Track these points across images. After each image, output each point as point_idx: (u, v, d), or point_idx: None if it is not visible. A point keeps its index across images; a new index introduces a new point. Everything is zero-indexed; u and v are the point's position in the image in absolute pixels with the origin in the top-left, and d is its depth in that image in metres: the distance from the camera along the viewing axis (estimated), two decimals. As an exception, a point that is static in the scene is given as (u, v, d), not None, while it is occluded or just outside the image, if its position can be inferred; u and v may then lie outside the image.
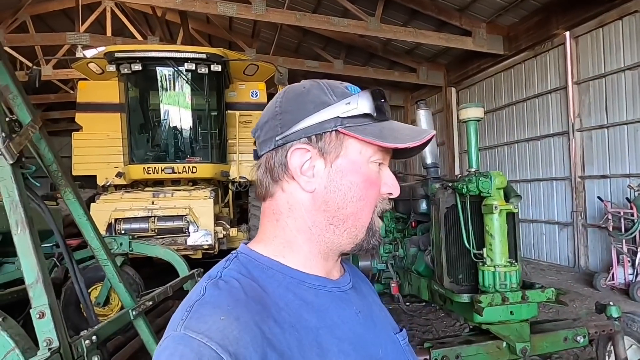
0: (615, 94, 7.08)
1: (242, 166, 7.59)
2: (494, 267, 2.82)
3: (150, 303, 2.85)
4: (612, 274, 6.43)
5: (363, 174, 0.71)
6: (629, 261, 6.17)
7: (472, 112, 3.29)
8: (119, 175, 7.05)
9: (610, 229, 6.45)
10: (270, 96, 8.43)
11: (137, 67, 6.47)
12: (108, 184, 7.00)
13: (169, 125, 7.06)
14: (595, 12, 7.02)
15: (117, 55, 6.49)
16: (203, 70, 6.69)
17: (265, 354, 0.58)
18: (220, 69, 6.86)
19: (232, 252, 0.75)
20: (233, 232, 6.97)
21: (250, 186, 7.62)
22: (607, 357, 3.18)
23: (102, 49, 8.88)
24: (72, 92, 13.98)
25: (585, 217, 7.74)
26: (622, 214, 6.28)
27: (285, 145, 0.71)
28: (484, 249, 2.89)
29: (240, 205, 8.69)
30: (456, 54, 10.54)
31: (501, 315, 2.76)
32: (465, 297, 2.84)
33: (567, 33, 7.82)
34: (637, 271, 6.06)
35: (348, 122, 0.69)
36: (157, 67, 6.80)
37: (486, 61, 9.70)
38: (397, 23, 9.28)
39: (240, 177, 7.51)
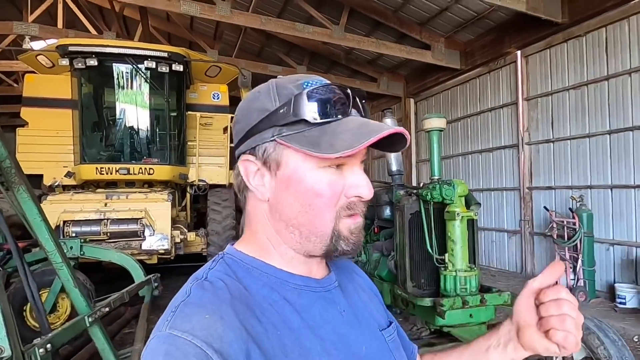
0: (560, 111, 7.58)
1: (201, 169, 7.42)
2: (455, 271, 2.93)
3: (107, 309, 2.71)
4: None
5: (308, 184, 0.67)
6: (570, 267, 6.59)
7: (436, 123, 3.41)
8: (68, 175, 6.67)
9: (555, 237, 6.86)
10: (232, 99, 8.35)
11: (93, 62, 6.18)
12: (56, 184, 6.60)
13: (125, 124, 6.78)
14: (543, 34, 7.50)
15: (72, 48, 6.17)
16: (164, 69, 6.50)
17: (250, 351, 0.59)
18: (181, 69, 6.70)
19: (219, 253, 0.75)
20: (190, 236, 6.78)
21: (209, 190, 7.46)
22: (554, 357, 3.37)
23: (51, 41, 8.41)
24: (16, 85, 13.12)
25: (532, 226, 8.20)
26: (565, 223, 6.70)
27: (240, 157, 0.72)
28: (446, 255, 2.99)
29: (198, 209, 8.48)
30: (415, 66, 10.89)
31: (461, 318, 2.87)
32: (428, 301, 2.92)
33: (519, 52, 8.31)
34: (577, 277, 6.48)
35: (286, 130, 0.66)
36: (114, 64, 6.53)
37: (444, 74, 10.09)
38: (360, 33, 9.47)
39: (200, 180, 7.34)
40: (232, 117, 7.67)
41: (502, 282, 7.94)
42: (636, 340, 5.10)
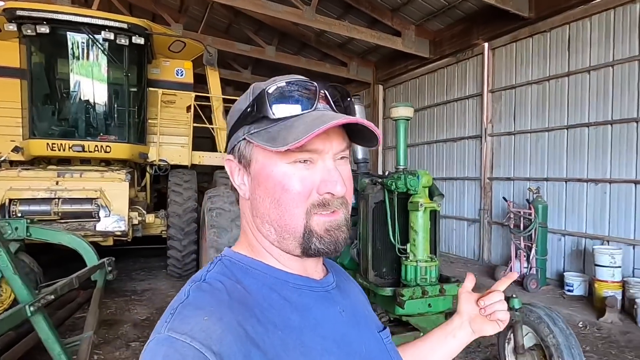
0: (522, 105, 7.79)
1: (162, 148, 7.13)
2: (416, 262, 2.94)
3: (52, 297, 2.54)
4: (510, 267, 7.12)
5: (275, 179, 0.68)
6: (524, 256, 6.87)
7: (403, 111, 3.38)
8: (16, 150, 6.24)
9: (512, 226, 7.11)
10: (197, 76, 8.03)
11: (44, 29, 5.73)
12: (2, 159, 6.16)
13: (80, 98, 6.37)
14: (510, 27, 7.63)
15: (20, 13, 5.69)
16: (123, 41, 6.14)
17: (249, 353, 0.59)
18: (142, 42, 6.35)
19: (216, 255, 0.75)
20: (149, 218, 6.54)
21: (170, 170, 7.20)
22: (506, 344, 3.49)
23: (-1, 4, 7.75)
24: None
25: (491, 215, 8.47)
26: (522, 213, 6.95)
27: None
28: (408, 244, 3.00)
29: (159, 190, 8.19)
30: (385, 53, 10.86)
31: (420, 308, 2.90)
32: (388, 291, 2.93)
33: (486, 44, 8.43)
34: (530, 265, 6.77)
35: (254, 128, 0.69)
36: (68, 33, 6.08)
37: (413, 62, 10.13)
38: (331, 15, 9.30)
39: (160, 160, 7.06)
40: (195, 95, 7.41)
41: (459, 269, 8.19)
42: (581, 325, 5.40)
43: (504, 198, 7.63)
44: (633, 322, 5.28)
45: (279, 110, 0.66)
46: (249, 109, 0.69)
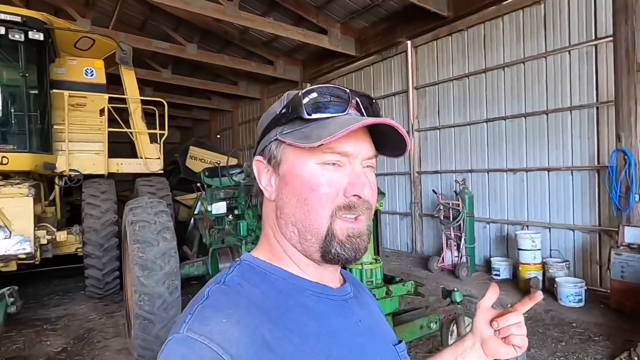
0: (445, 100, 8.12)
1: (73, 156, 6.39)
2: (361, 264, 2.83)
3: None
4: (442, 257, 7.39)
5: (303, 178, 0.69)
6: (455, 245, 7.16)
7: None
8: None
9: (442, 217, 7.38)
10: (111, 77, 7.33)
11: None
12: None
13: (-33, 102, 5.48)
14: (431, 26, 7.91)
15: None
16: (17, 37, 5.39)
17: (265, 356, 0.59)
18: (42, 38, 5.62)
19: (236, 259, 0.76)
20: (61, 236, 5.83)
21: (84, 180, 6.48)
22: (449, 336, 3.53)
23: None
24: None
25: (421, 208, 8.76)
26: (450, 204, 7.24)
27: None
28: (352, 247, 2.88)
29: (71, 203, 7.36)
30: (312, 51, 10.79)
31: (368, 312, 2.79)
32: (334, 298, 2.78)
33: (409, 42, 8.67)
34: (461, 254, 7.07)
35: (287, 128, 0.71)
36: (-53, 26, 5.20)
37: (340, 60, 10.17)
38: (255, 12, 9.01)
39: (71, 170, 6.31)
40: (109, 97, 6.74)
41: (395, 262, 8.36)
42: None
43: (433, 191, 7.90)
44: (554, 300, 5.69)
45: (312, 111, 0.68)
46: (282, 111, 0.71)
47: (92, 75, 7.05)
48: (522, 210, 6.93)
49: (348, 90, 0.71)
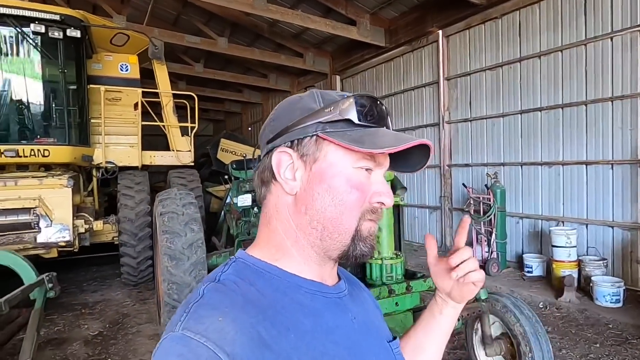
0: (477, 91, 7.87)
1: (109, 149, 6.65)
2: (381, 259, 2.81)
3: (-29, 329, 2.21)
4: (472, 252, 7.21)
5: (342, 178, 0.71)
6: (485, 240, 6.98)
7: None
8: (-61, 157, 5.60)
9: (472, 212, 7.20)
10: (144, 71, 7.55)
11: (-37, 22, 5.15)
12: None
13: (11, 98, 5.78)
14: (463, 14, 7.66)
15: None
16: (56, 34, 5.62)
17: (262, 355, 0.59)
18: (79, 35, 5.85)
19: (231, 257, 0.76)
20: (98, 225, 6.10)
21: (119, 172, 6.74)
22: (474, 334, 3.46)
23: None
24: None
25: (451, 202, 8.57)
26: (481, 199, 7.05)
27: (273, 150, 0.74)
28: (372, 242, 2.86)
29: (108, 193, 7.68)
30: (341, 43, 10.70)
31: (387, 308, 2.78)
32: (353, 292, 2.78)
33: (440, 32, 8.44)
34: (491, 249, 6.89)
35: (329, 127, 0.71)
36: (-8, 26, 5.50)
37: (369, 52, 10.03)
38: (284, 5, 9.01)
39: (107, 162, 6.58)
40: (143, 92, 6.95)
41: (423, 257, 8.25)
42: (541, 306, 5.53)
43: (463, 184, 7.71)
44: (590, 300, 5.47)
45: (362, 117, 0.70)
46: (326, 110, 0.71)
47: (127, 71, 7.29)
48: (558, 206, 6.66)
49: (383, 103, 0.76)
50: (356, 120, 0.70)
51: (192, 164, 7.51)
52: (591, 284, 5.47)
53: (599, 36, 5.93)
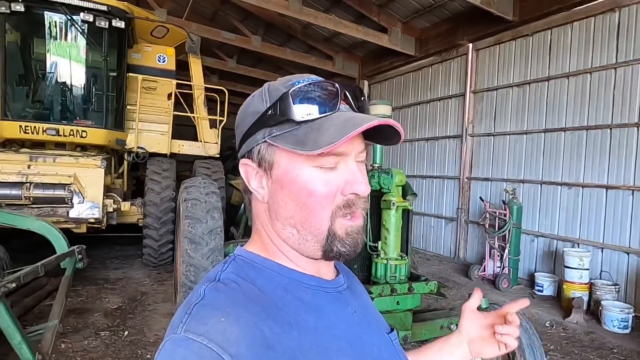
0: (503, 107, 7.90)
1: (141, 135, 7.01)
2: (387, 259, 2.97)
3: (14, 285, 2.48)
4: (484, 266, 7.26)
5: (300, 183, 0.67)
6: (498, 255, 7.01)
7: (382, 109, 3.39)
8: (-13, 131, 6.04)
9: (487, 226, 7.24)
10: (179, 63, 7.90)
11: (19, 7, 5.57)
12: (-28, 140, 5.97)
13: (56, 80, 6.19)
14: (494, 29, 7.70)
15: (-6, -11, 5.49)
16: (102, 24, 5.98)
17: (266, 354, 0.59)
18: (123, 26, 6.21)
19: (230, 255, 0.75)
20: (125, 206, 6.44)
21: (149, 158, 7.09)
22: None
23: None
24: None
25: (468, 214, 8.60)
26: (497, 213, 7.08)
27: (240, 161, 0.74)
28: (379, 242, 3.02)
29: (137, 177, 8.06)
30: (371, 48, 10.85)
31: (389, 305, 2.93)
32: (358, 287, 2.94)
33: (470, 45, 8.49)
34: (503, 265, 6.91)
35: (276, 130, 0.67)
36: (45, 12, 5.90)
37: (398, 59, 10.15)
38: (318, 8, 9.23)
39: (139, 147, 6.94)
40: (177, 83, 7.28)
41: (435, 266, 8.31)
42: (547, 325, 5.55)
43: (480, 198, 7.75)
44: (597, 323, 5.46)
45: (303, 112, 0.65)
46: (269, 112, 0.67)
47: (163, 62, 7.64)
48: (574, 227, 6.64)
49: (336, 84, 0.69)
50: (298, 119, 0.65)
51: (218, 155, 7.81)
52: (600, 308, 5.46)
53: (630, 61, 5.91)
